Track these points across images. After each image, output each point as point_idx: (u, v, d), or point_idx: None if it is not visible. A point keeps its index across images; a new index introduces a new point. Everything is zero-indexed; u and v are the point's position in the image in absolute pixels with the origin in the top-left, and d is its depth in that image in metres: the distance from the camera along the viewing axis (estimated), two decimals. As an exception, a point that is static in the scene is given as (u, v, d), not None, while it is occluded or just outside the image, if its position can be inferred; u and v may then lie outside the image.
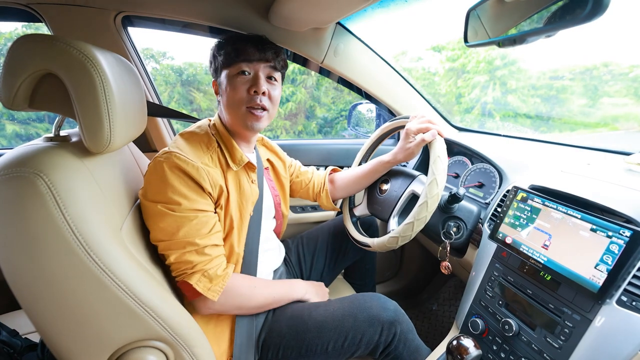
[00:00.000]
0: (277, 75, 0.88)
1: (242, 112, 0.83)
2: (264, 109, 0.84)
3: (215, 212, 0.79)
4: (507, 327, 0.72)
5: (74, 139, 0.63)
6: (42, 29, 1.01)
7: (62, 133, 0.63)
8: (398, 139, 1.52)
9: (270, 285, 0.88)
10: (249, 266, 0.88)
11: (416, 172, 1.01)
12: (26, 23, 1.40)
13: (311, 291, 0.97)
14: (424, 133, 0.90)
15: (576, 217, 0.65)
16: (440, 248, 0.92)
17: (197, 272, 0.71)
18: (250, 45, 0.82)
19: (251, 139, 0.93)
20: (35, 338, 0.80)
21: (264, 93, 0.83)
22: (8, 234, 0.47)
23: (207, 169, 0.76)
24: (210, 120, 0.90)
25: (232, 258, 0.84)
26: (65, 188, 0.50)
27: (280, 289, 0.90)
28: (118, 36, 1.04)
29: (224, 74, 0.84)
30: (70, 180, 0.51)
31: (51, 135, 0.62)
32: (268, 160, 1.04)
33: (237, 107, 0.83)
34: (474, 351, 0.63)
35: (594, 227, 0.62)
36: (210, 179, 0.75)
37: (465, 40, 0.77)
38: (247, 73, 0.82)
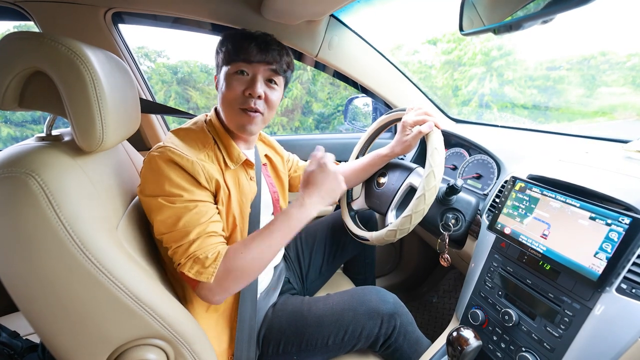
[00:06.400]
0: (279, 78, 0.84)
1: (235, 112, 0.80)
2: (257, 111, 0.81)
3: (216, 205, 0.78)
4: (507, 317, 0.72)
5: (66, 138, 0.62)
6: (34, 28, 1.00)
7: (55, 132, 0.63)
8: (395, 133, 1.51)
9: (265, 239, 0.74)
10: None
11: (413, 165, 1.01)
12: (17, 23, 1.38)
13: (322, 205, 0.80)
14: (420, 125, 0.90)
15: (575, 206, 0.65)
16: (439, 240, 0.92)
17: (189, 259, 0.68)
18: (253, 45, 0.78)
19: (249, 138, 0.91)
20: (36, 339, 0.80)
21: (259, 97, 0.79)
22: (2, 235, 0.47)
23: (202, 163, 0.74)
24: (206, 116, 0.88)
25: None
26: (58, 187, 0.49)
27: (278, 234, 0.75)
28: (109, 33, 1.02)
29: (223, 70, 0.81)
30: (63, 179, 0.51)
31: (43, 134, 0.61)
32: (266, 155, 1.03)
33: (231, 107, 0.80)
34: (474, 342, 0.63)
35: (593, 215, 0.62)
36: (205, 173, 0.74)
37: (461, 29, 0.76)
38: (245, 73, 0.79)
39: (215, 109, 0.88)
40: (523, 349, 0.69)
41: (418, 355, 0.86)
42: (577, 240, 0.63)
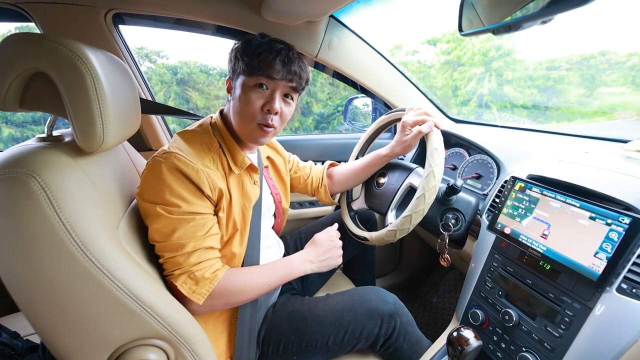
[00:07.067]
0: (295, 94, 0.83)
1: (252, 127, 0.80)
2: (272, 127, 0.80)
3: (215, 215, 0.78)
4: (507, 317, 0.72)
5: (67, 139, 0.62)
6: (35, 30, 1.00)
7: (55, 133, 0.63)
8: (395, 133, 1.52)
9: (265, 274, 0.82)
10: (250, 265, 0.87)
11: (413, 165, 1.01)
12: (18, 24, 1.38)
13: (316, 267, 0.91)
14: (420, 125, 0.90)
15: (575, 206, 0.65)
16: (439, 240, 0.92)
17: (184, 273, 0.69)
18: (277, 61, 0.76)
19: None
20: (37, 339, 0.80)
21: (276, 113, 0.79)
22: (3, 236, 0.47)
23: (207, 171, 0.74)
24: (212, 118, 0.87)
25: (234, 260, 0.83)
26: (58, 188, 0.49)
27: (277, 274, 0.84)
28: (109, 34, 1.02)
29: (240, 79, 0.78)
30: (63, 180, 0.51)
31: (44, 135, 0.61)
32: (268, 157, 1.03)
33: (248, 121, 0.79)
34: (474, 342, 0.63)
35: (593, 215, 0.62)
36: (210, 182, 0.74)
37: (460, 30, 0.76)
38: (264, 87, 0.78)
39: (221, 113, 0.88)
40: (523, 349, 0.69)
41: (418, 355, 0.86)
42: (577, 240, 0.63)
